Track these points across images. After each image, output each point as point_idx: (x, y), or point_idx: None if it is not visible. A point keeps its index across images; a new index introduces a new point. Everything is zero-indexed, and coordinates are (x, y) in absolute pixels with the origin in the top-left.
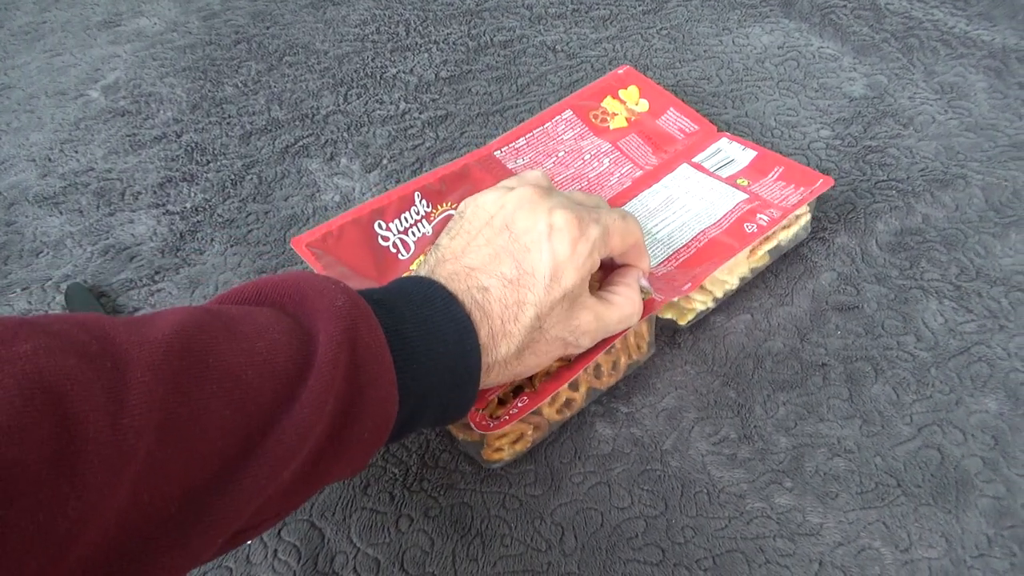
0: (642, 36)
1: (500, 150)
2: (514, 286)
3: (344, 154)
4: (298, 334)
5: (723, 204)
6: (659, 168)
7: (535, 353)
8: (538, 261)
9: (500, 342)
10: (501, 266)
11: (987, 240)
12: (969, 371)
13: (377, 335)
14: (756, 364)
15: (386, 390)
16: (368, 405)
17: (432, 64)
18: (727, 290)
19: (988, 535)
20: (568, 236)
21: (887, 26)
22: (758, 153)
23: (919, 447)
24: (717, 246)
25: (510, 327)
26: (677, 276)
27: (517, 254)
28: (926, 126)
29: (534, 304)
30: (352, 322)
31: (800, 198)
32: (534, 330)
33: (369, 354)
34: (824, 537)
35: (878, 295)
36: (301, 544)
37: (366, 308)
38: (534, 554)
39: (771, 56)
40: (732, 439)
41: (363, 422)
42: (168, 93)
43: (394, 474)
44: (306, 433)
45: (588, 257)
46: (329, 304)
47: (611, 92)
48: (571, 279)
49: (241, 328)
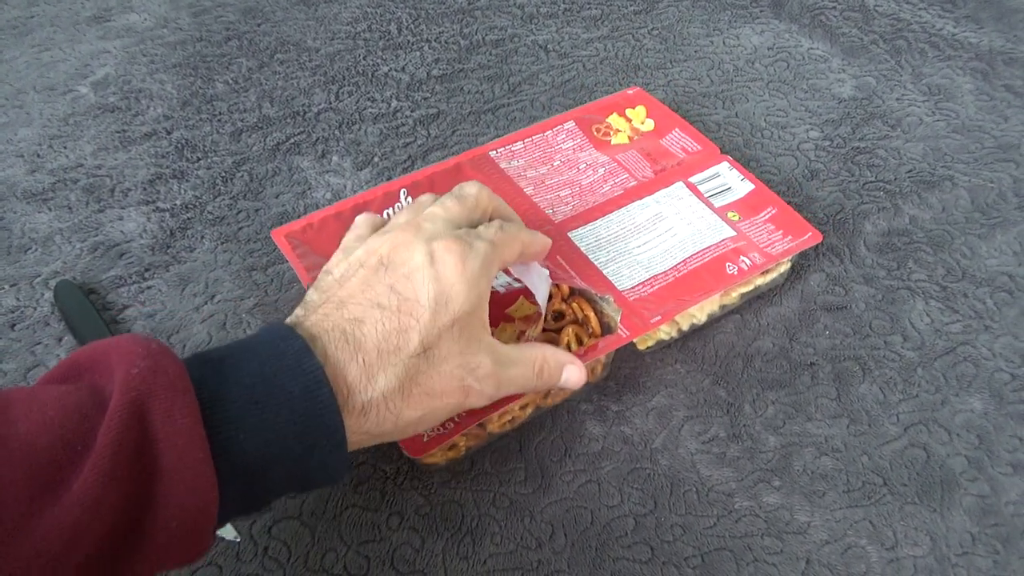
0: (633, 36)
1: (496, 151)
2: (394, 314)
3: (336, 152)
4: (79, 414)
5: (710, 236)
6: (654, 181)
7: (428, 393)
8: (421, 287)
9: (377, 375)
10: (379, 296)
11: (973, 241)
12: (955, 371)
13: (183, 405)
14: (746, 363)
15: (195, 469)
16: (172, 488)
17: (424, 62)
18: (693, 324)
19: (972, 533)
20: (452, 259)
21: (876, 28)
22: (755, 187)
23: (905, 446)
24: (695, 280)
25: (390, 358)
26: (650, 304)
27: (397, 284)
28: (914, 127)
29: (419, 331)
30: (146, 392)
31: (786, 248)
32: (420, 359)
33: (169, 428)
34: (811, 535)
35: (866, 295)
36: (291, 542)
37: (174, 373)
38: (524, 552)
39: (761, 57)
40: (721, 438)
41: (168, 509)
42: (158, 89)
43: (384, 472)
44: (80, 528)
45: (481, 274)
46: (125, 373)
47: (618, 109)
48: (461, 302)
49: (11, 412)
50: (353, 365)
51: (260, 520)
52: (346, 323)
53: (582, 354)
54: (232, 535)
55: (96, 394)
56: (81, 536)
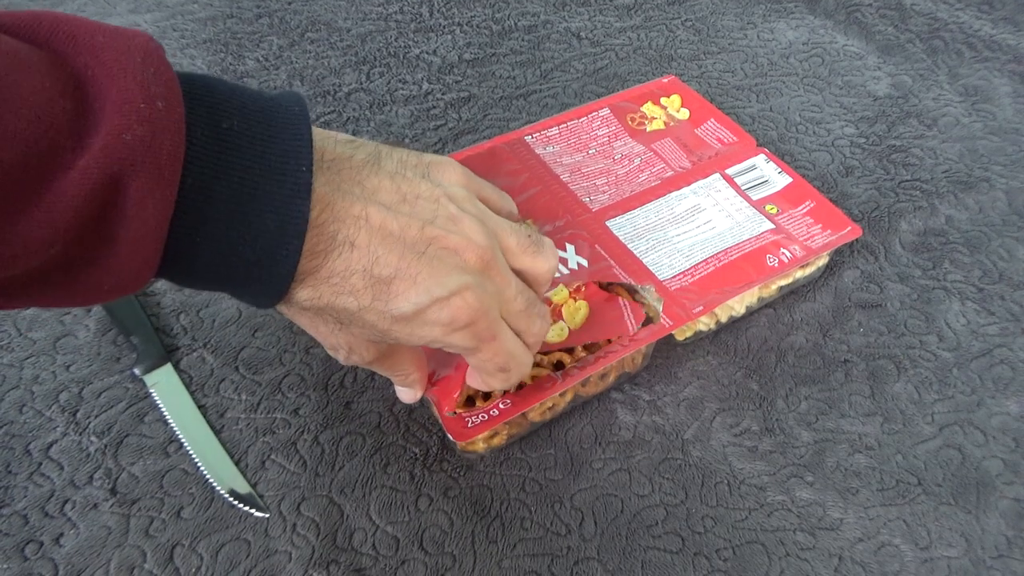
0: (667, 27)
1: (531, 135)
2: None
3: (366, 132)
4: (56, 130)
5: (749, 229)
6: (691, 172)
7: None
8: (409, 293)
9: (315, 280)
10: (382, 247)
11: (1010, 244)
12: (991, 373)
13: (161, 198)
14: (779, 358)
15: (142, 256)
16: (114, 258)
17: (456, 46)
18: (732, 316)
19: (1008, 536)
20: (461, 327)
21: (912, 27)
22: (793, 180)
23: (940, 446)
24: (736, 271)
25: (333, 280)
26: (691, 294)
27: (406, 256)
28: (950, 128)
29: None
30: (129, 168)
31: (826, 242)
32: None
33: (140, 211)
34: (844, 532)
35: (901, 294)
36: (320, 519)
37: (169, 151)
38: (554, 538)
39: (796, 52)
40: (754, 431)
41: (99, 276)
42: (189, 65)
43: (414, 453)
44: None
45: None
46: (115, 135)
47: (652, 98)
48: (424, 331)
49: None
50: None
51: (289, 497)
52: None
53: (625, 344)
54: (261, 511)
55: (77, 122)
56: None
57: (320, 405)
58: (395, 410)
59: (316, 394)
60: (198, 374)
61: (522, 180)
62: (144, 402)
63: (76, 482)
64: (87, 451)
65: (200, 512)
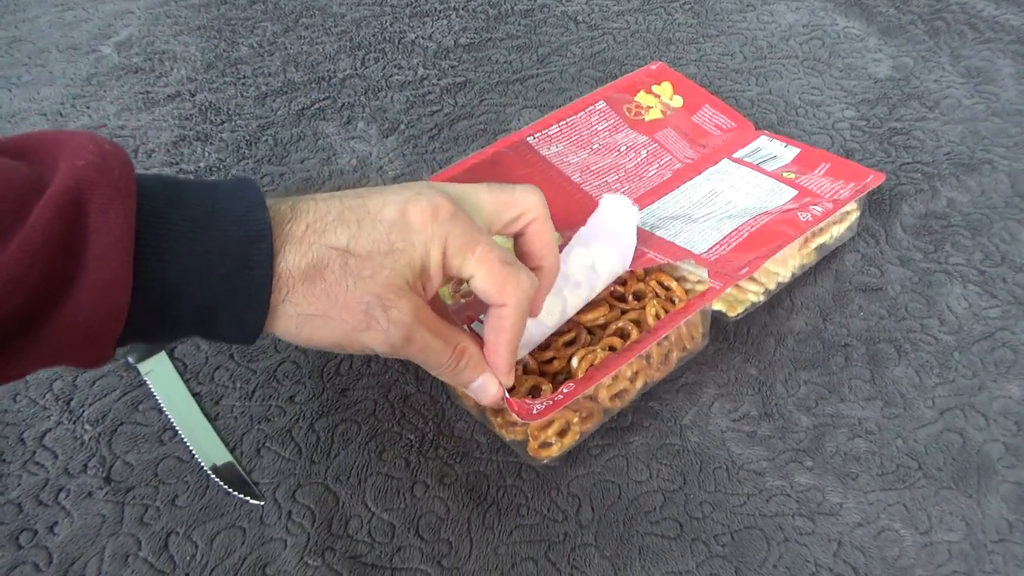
0: (665, 10)
1: (533, 136)
2: (347, 210)
3: (361, 118)
4: (17, 191)
5: (773, 200)
6: (699, 161)
7: (328, 295)
8: (386, 209)
9: (292, 248)
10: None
11: (1012, 226)
12: (993, 356)
13: (120, 207)
14: (778, 342)
15: (115, 271)
16: (89, 283)
17: (451, 31)
18: (779, 282)
19: (1009, 520)
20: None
21: (913, 7)
22: (801, 150)
23: (941, 430)
24: (770, 232)
25: (311, 238)
26: (732, 259)
27: (365, 225)
28: (952, 110)
29: (352, 235)
30: (87, 185)
31: (851, 192)
32: (336, 256)
33: (102, 223)
34: (844, 517)
35: (902, 277)
36: (316, 507)
37: (121, 174)
38: (550, 524)
39: (796, 34)
40: (752, 416)
41: (79, 304)
42: (182, 51)
43: (410, 440)
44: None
45: (451, 231)
46: (71, 163)
47: (644, 87)
48: (413, 243)
49: None
50: (282, 228)
51: (284, 484)
52: (296, 202)
53: (682, 310)
54: (256, 499)
55: (39, 178)
56: (15, 283)
57: (315, 392)
58: (390, 397)
59: (311, 382)
60: (192, 362)
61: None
62: (138, 390)
63: (70, 470)
64: (81, 439)
65: (195, 500)
